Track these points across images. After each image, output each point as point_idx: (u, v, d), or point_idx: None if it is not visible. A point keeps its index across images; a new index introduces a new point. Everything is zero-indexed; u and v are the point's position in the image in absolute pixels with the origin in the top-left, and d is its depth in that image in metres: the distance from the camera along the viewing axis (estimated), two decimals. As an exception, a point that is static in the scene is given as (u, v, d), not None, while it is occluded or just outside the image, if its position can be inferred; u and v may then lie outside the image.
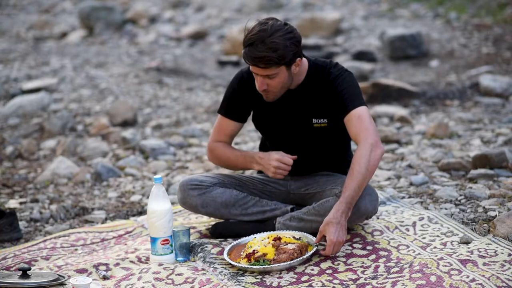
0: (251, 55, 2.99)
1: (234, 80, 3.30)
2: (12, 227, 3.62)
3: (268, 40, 2.97)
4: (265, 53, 2.97)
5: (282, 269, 2.95)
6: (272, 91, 3.10)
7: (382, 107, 5.79)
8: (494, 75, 6.40)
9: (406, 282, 2.75)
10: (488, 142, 4.74)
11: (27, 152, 5.17)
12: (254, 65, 3.02)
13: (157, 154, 4.93)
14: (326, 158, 3.33)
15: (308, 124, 3.22)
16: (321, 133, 3.23)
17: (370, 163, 2.99)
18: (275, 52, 2.97)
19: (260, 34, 2.98)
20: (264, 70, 3.02)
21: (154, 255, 3.10)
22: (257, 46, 2.97)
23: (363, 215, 3.09)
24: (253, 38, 2.98)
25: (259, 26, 3.00)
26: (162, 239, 3.09)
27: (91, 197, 4.21)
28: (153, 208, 3.07)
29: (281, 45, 2.98)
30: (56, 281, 2.95)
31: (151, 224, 3.09)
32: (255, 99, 3.26)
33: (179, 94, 6.69)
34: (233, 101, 3.29)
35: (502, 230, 3.05)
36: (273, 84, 3.08)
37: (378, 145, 3.03)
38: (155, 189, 3.09)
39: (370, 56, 7.69)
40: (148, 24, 10.29)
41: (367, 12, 10.06)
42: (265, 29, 2.98)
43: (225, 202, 3.29)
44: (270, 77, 3.05)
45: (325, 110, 3.19)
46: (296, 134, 3.26)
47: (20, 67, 7.79)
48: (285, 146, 3.30)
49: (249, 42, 3.00)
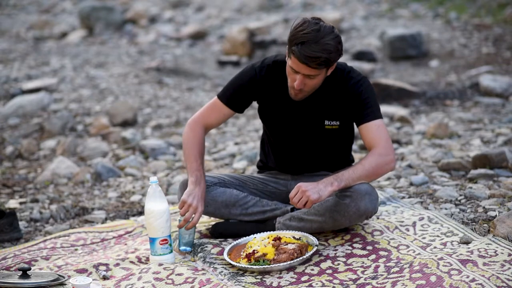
0: (305, 53, 2.94)
1: (244, 76, 3.26)
2: (12, 227, 3.62)
3: (322, 41, 2.94)
4: (320, 54, 2.94)
5: (282, 269, 2.95)
6: (306, 90, 3.10)
7: (382, 107, 5.71)
8: (494, 75, 6.40)
9: (406, 282, 2.75)
10: (488, 142, 4.74)
11: (27, 152, 5.17)
12: (305, 63, 2.97)
13: (157, 154, 4.93)
14: (330, 159, 3.33)
15: (319, 125, 3.22)
16: (331, 134, 3.24)
17: (377, 171, 3.07)
18: (329, 54, 2.96)
19: (314, 34, 2.94)
20: (311, 70, 3.00)
21: (154, 255, 3.10)
22: (310, 46, 2.94)
23: (363, 214, 3.09)
24: (307, 36, 2.94)
25: (312, 25, 2.96)
26: (161, 239, 3.08)
27: (91, 197, 4.21)
28: (151, 209, 3.07)
29: (334, 48, 2.97)
30: (56, 281, 2.95)
31: (149, 225, 3.08)
32: (265, 93, 3.24)
33: (179, 94, 6.69)
34: (237, 94, 3.26)
35: (502, 230, 3.05)
36: (310, 84, 3.07)
37: (392, 160, 3.10)
38: (151, 190, 3.08)
39: (370, 56, 7.69)
40: (148, 24, 10.28)
41: (367, 12, 10.06)
42: (318, 29, 2.95)
43: (225, 202, 3.29)
44: (311, 77, 3.03)
45: (339, 112, 3.20)
46: (306, 134, 3.26)
47: (20, 67, 7.79)
48: (292, 144, 3.30)
49: (302, 40, 2.95)
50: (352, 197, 3.05)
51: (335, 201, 3.08)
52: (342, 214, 3.08)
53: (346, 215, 3.08)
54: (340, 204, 3.07)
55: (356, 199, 3.05)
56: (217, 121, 3.33)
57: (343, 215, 3.08)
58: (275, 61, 3.22)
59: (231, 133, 5.42)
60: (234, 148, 4.97)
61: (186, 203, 3.12)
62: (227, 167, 4.60)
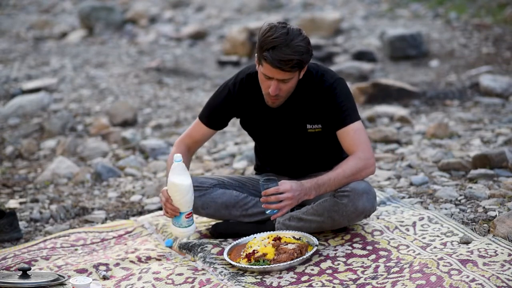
0: (277, 57, 2.95)
1: (219, 96, 3.28)
2: (12, 227, 3.62)
3: (293, 43, 2.95)
4: (293, 56, 2.95)
5: (282, 269, 2.95)
6: (282, 96, 3.10)
7: (382, 107, 5.79)
8: (494, 75, 6.40)
9: (406, 282, 2.75)
10: (488, 142, 4.74)
11: (27, 152, 5.17)
12: (278, 67, 2.97)
13: (157, 154, 4.93)
14: (322, 160, 3.34)
15: (302, 130, 3.23)
16: (315, 137, 3.24)
17: (356, 176, 3.07)
18: (301, 56, 2.96)
19: (284, 37, 2.94)
20: (285, 73, 3.00)
21: (179, 227, 3.11)
22: (281, 49, 2.94)
23: (362, 213, 3.10)
24: (277, 41, 2.94)
25: (280, 29, 2.96)
26: (187, 213, 3.10)
27: (91, 197, 4.21)
28: (177, 185, 3.05)
29: (305, 49, 2.97)
30: (56, 281, 2.95)
31: (176, 201, 3.07)
32: (243, 108, 3.27)
33: (179, 94, 6.69)
34: (215, 114, 3.30)
35: (502, 230, 3.05)
36: (285, 89, 3.07)
37: (372, 164, 3.10)
38: (177, 167, 3.06)
39: (370, 56, 7.69)
40: (148, 24, 10.28)
41: (367, 12, 10.06)
42: (286, 32, 2.95)
43: (226, 203, 3.29)
44: (285, 81, 3.04)
45: (319, 116, 3.19)
46: (290, 140, 3.27)
47: (20, 67, 7.79)
48: (278, 150, 3.32)
49: (272, 45, 2.95)
50: (349, 196, 3.05)
51: (333, 201, 3.09)
52: (340, 213, 3.08)
53: (345, 214, 3.08)
54: (338, 204, 3.08)
55: (353, 198, 3.05)
56: (200, 140, 3.37)
57: (342, 215, 3.09)
58: (248, 74, 3.23)
59: (231, 133, 5.42)
60: (234, 148, 4.97)
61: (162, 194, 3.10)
62: (227, 167, 4.60)
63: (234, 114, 3.31)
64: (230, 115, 3.31)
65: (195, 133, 3.35)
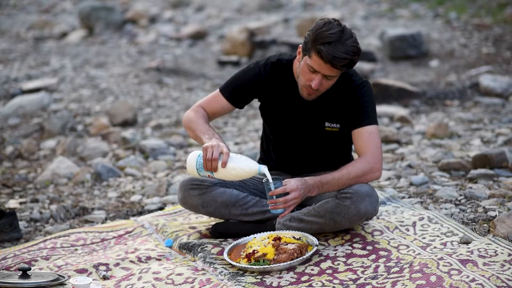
0: (332, 53, 2.93)
1: (249, 73, 3.25)
2: (12, 227, 3.62)
3: (347, 42, 2.94)
4: (347, 55, 2.94)
5: (282, 269, 2.95)
6: (321, 91, 3.10)
7: (382, 107, 5.79)
8: (494, 75, 6.40)
9: (406, 282, 2.75)
10: (488, 142, 4.74)
11: (27, 152, 5.17)
12: (330, 63, 2.96)
13: (157, 154, 4.93)
14: (330, 160, 3.33)
15: (320, 127, 3.23)
16: (331, 136, 3.24)
17: (361, 179, 3.07)
18: (353, 56, 2.96)
19: (339, 35, 2.94)
20: (333, 70, 2.99)
21: (196, 170, 2.98)
22: (336, 46, 2.93)
23: (363, 216, 3.09)
24: (333, 37, 2.93)
25: (336, 26, 2.96)
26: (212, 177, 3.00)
27: (91, 197, 4.21)
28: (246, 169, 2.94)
29: (357, 51, 2.98)
30: (56, 281, 2.95)
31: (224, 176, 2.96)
32: (268, 92, 3.24)
33: (179, 94, 6.69)
34: (240, 90, 3.26)
35: (502, 230, 3.05)
36: (326, 85, 3.07)
37: (379, 169, 3.10)
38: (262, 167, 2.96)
39: (370, 56, 7.69)
40: (148, 24, 10.28)
41: (367, 12, 10.06)
42: (342, 30, 2.95)
43: (226, 202, 3.29)
44: (329, 78, 3.03)
45: (340, 115, 3.20)
46: (306, 135, 3.26)
47: (20, 67, 7.79)
48: (291, 143, 3.31)
49: (328, 40, 2.93)
50: (352, 199, 3.05)
51: (335, 203, 3.08)
52: (342, 215, 3.08)
53: (346, 216, 3.08)
54: (340, 206, 3.07)
55: (356, 201, 3.04)
56: (217, 112, 3.31)
57: (343, 217, 3.08)
58: (279, 60, 3.22)
59: (231, 133, 5.42)
60: (234, 148, 4.97)
61: (209, 146, 2.95)
62: (227, 167, 4.59)
63: (257, 95, 3.27)
64: (253, 95, 3.27)
65: (214, 104, 3.29)
